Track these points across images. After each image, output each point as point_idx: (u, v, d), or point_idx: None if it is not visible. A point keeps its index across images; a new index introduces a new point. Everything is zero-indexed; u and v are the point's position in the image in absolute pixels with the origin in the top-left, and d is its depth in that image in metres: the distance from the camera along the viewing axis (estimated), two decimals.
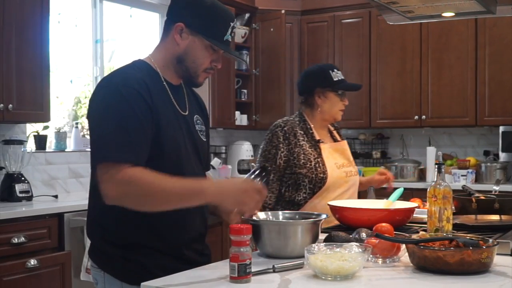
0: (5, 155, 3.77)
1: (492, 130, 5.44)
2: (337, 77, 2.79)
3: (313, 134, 2.69)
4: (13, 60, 3.59)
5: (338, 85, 2.77)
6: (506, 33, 5.05)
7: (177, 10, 1.87)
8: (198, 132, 1.95)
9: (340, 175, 2.66)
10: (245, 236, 1.54)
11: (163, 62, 1.88)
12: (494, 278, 1.57)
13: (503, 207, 2.37)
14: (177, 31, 1.85)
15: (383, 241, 1.73)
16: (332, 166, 2.64)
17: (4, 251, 3.18)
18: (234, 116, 5.55)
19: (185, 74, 1.89)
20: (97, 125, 1.75)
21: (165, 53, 1.88)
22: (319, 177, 2.58)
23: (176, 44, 1.85)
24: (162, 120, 1.78)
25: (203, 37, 1.84)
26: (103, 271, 1.83)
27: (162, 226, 1.81)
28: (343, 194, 2.65)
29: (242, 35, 5.70)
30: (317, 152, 2.64)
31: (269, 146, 2.62)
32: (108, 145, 1.70)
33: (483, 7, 2.78)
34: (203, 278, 1.58)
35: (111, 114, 1.71)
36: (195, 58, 1.86)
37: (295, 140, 2.62)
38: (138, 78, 1.78)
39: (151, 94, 1.77)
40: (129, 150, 1.69)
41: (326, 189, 2.59)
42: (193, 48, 1.85)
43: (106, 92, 1.76)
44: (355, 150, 6.03)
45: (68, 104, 4.84)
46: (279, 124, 2.66)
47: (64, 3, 4.64)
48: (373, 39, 5.65)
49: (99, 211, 1.84)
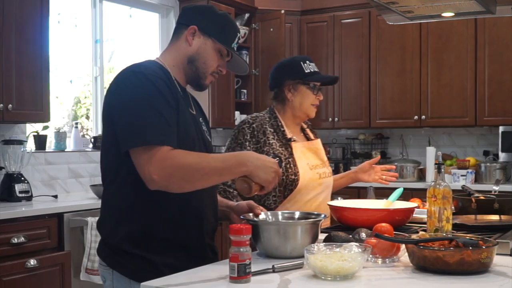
0: (5, 155, 3.77)
1: (491, 130, 5.44)
2: (309, 69, 2.52)
3: (284, 132, 2.49)
4: (13, 60, 3.59)
5: (309, 77, 2.51)
6: (506, 33, 5.05)
7: (190, 15, 1.96)
8: (205, 132, 2.01)
9: (313, 176, 2.48)
10: (244, 236, 1.54)
11: (173, 62, 1.93)
12: (494, 278, 1.57)
13: (502, 207, 2.37)
14: (190, 33, 1.92)
15: (382, 241, 1.73)
16: (304, 167, 2.46)
17: (3, 251, 3.18)
18: (233, 116, 5.55)
19: (193, 75, 1.95)
20: (127, 111, 1.74)
21: (176, 53, 1.94)
22: (290, 179, 2.40)
23: (188, 45, 1.93)
24: (181, 114, 1.83)
25: (215, 40, 1.93)
26: (112, 269, 1.84)
27: (178, 218, 1.84)
28: (316, 197, 2.48)
29: (242, 35, 5.70)
30: (288, 152, 2.45)
31: (234, 143, 2.44)
32: (146, 128, 1.71)
33: (483, 7, 2.78)
34: (203, 278, 1.58)
35: (143, 99, 1.74)
36: (206, 59, 1.93)
37: (264, 138, 2.43)
38: (158, 70, 1.84)
39: (171, 88, 1.83)
40: (168, 132, 1.73)
41: (298, 191, 2.41)
42: (204, 49, 1.93)
43: (133, 79, 1.78)
44: (354, 150, 6.03)
45: (68, 104, 4.84)
46: (247, 120, 2.47)
47: (64, 3, 4.65)
48: (372, 39, 5.66)
49: (110, 206, 1.86)
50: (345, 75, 5.80)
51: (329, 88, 5.75)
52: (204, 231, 1.91)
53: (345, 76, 5.80)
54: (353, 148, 6.06)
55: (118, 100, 1.79)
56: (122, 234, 1.82)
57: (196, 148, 1.87)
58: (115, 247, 1.83)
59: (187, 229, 1.86)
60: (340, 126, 5.89)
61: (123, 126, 1.74)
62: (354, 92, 5.77)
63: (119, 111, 1.77)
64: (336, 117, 5.82)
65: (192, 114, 1.94)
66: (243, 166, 1.77)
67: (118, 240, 1.82)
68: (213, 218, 1.99)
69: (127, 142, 1.73)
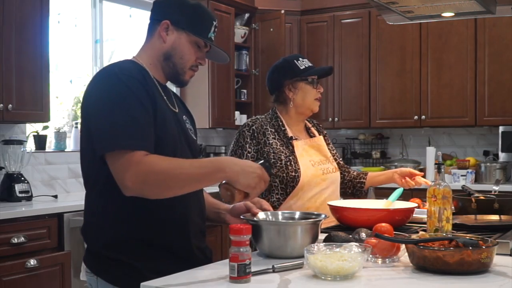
0: (5, 155, 3.77)
1: (491, 130, 5.44)
2: (304, 65, 2.56)
3: (285, 131, 2.54)
4: (13, 60, 3.59)
5: (306, 72, 2.55)
6: (506, 33, 5.05)
7: (161, 10, 1.90)
8: (188, 130, 1.96)
9: (316, 173, 2.51)
10: (244, 236, 1.54)
11: (149, 60, 1.88)
12: (493, 278, 1.57)
13: (502, 207, 2.37)
14: (163, 29, 1.87)
15: (382, 241, 1.73)
16: (306, 164, 2.49)
17: (3, 251, 3.18)
18: (233, 116, 5.55)
19: (172, 71, 1.90)
20: (101, 114, 1.71)
21: (151, 51, 1.89)
22: (291, 176, 2.44)
23: (162, 42, 1.87)
24: (159, 114, 1.78)
25: (189, 33, 1.87)
26: (96, 276, 1.81)
27: (161, 222, 1.79)
28: (321, 193, 2.51)
29: (242, 35, 5.70)
30: (289, 150, 2.49)
31: (236, 146, 2.50)
32: (119, 132, 1.66)
33: (483, 7, 2.78)
34: (203, 278, 1.58)
35: (116, 103, 1.69)
36: (182, 54, 1.88)
37: (264, 139, 2.48)
38: (134, 69, 1.79)
39: (147, 87, 1.78)
40: (141, 137, 1.68)
41: (300, 188, 2.45)
42: (179, 44, 1.87)
43: (107, 82, 1.74)
44: (354, 150, 6.03)
45: (68, 104, 4.84)
46: (247, 123, 2.52)
47: (64, 3, 4.64)
48: (372, 39, 5.66)
49: (93, 212, 1.83)
50: (345, 75, 5.81)
51: (329, 88, 5.76)
52: (190, 233, 1.86)
53: (345, 76, 5.81)
54: (353, 148, 6.06)
55: (92, 104, 1.75)
56: (105, 240, 1.79)
57: (178, 148, 1.83)
58: (99, 253, 1.80)
59: (172, 232, 1.81)
60: (340, 126, 5.89)
61: (97, 130, 1.70)
62: (354, 92, 5.77)
63: (94, 114, 1.73)
64: (336, 117, 5.82)
65: (173, 112, 1.89)
66: (220, 172, 1.70)
67: (101, 246, 1.79)
68: (200, 220, 1.94)
69: (101, 146, 1.69)
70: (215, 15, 5.20)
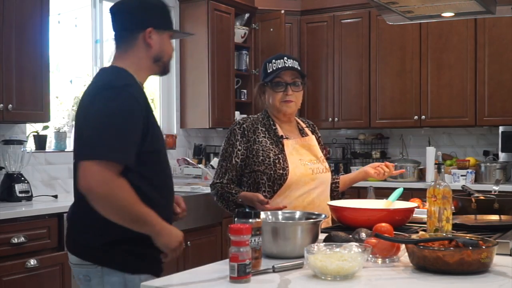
0: (5, 155, 3.77)
1: (491, 130, 5.44)
2: (272, 67, 2.57)
3: (276, 130, 2.57)
4: (13, 60, 3.59)
5: (269, 77, 2.57)
6: (506, 33, 5.05)
7: (141, 18, 1.99)
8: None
9: (306, 172, 2.51)
10: (244, 236, 1.54)
11: (137, 67, 1.98)
12: (493, 278, 1.57)
13: (502, 207, 2.37)
14: (148, 36, 1.97)
15: (382, 241, 1.73)
16: (295, 163, 2.51)
17: (3, 251, 3.18)
18: (233, 116, 5.55)
19: (161, 69, 2.06)
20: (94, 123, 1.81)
21: (138, 60, 1.99)
22: (278, 174, 2.46)
23: (149, 48, 1.99)
24: (152, 120, 1.91)
25: (167, 30, 2.02)
26: (100, 266, 1.87)
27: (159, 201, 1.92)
28: (309, 193, 2.51)
29: (242, 35, 5.70)
30: (278, 148, 2.52)
31: (226, 144, 2.56)
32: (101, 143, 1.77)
33: (483, 7, 2.78)
34: (203, 278, 1.59)
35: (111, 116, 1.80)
36: (169, 51, 2.04)
37: (254, 137, 2.52)
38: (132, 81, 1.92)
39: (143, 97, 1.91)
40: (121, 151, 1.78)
41: (288, 186, 2.47)
42: (164, 43, 2.01)
43: (108, 95, 1.84)
44: (354, 150, 6.03)
45: (68, 104, 4.84)
46: (237, 121, 2.60)
47: (64, 3, 4.64)
48: (372, 39, 5.66)
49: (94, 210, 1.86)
50: (345, 75, 5.81)
51: (329, 88, 5.76)
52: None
53: (345, 76, 5.80)
54: (353, 148, 6.06)
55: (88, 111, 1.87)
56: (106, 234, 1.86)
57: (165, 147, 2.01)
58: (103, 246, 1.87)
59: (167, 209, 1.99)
60: (340, 126, 5.89)
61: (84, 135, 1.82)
62: (354, 92, 5.77)
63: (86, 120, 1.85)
64: (336, 117, 5.82)
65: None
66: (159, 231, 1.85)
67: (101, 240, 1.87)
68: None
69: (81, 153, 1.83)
70: (215, 15, 5.29)
